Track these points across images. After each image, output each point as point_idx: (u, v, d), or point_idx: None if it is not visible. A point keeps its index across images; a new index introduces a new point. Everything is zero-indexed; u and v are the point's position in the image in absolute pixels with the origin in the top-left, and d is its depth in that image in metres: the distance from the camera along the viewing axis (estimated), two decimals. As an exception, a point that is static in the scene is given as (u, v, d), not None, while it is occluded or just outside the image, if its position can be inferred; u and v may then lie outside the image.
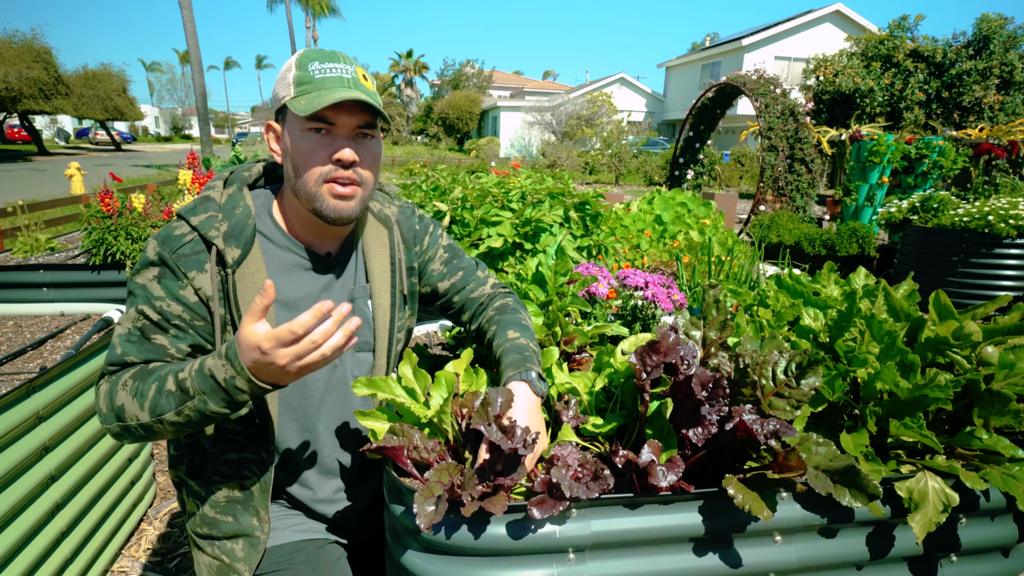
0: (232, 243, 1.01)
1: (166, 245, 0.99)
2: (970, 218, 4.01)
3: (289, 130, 1.02)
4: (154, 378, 0.93)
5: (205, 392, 0.88)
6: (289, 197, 1.09)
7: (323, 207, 1.02)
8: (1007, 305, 1.15)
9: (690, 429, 0.90)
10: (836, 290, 1.47)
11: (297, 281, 1.09)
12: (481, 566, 0.86)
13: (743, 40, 26.44)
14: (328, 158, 1.00)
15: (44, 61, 23.96)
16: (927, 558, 0.98)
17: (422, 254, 1.27)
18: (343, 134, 1.01)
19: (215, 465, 1.09)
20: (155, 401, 0.91)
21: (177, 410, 0.90)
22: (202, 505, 1.11)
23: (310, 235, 1.11)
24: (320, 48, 1.02)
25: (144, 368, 0.98)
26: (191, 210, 1.02)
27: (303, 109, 0.95)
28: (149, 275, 0.99)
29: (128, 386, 0.94)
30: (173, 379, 0.91)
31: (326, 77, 0.99)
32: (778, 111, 8.25)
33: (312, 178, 1.01)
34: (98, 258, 3.11)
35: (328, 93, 0.96)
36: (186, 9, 15.96)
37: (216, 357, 0.89)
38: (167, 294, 0.99)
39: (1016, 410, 0.92)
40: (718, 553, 0.90)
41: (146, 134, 61.96)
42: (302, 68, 0.99)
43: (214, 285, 1.00)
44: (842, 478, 0.84)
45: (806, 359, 0.95)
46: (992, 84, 14.37)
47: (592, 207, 3.24)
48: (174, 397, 0.90)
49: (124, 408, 0.93)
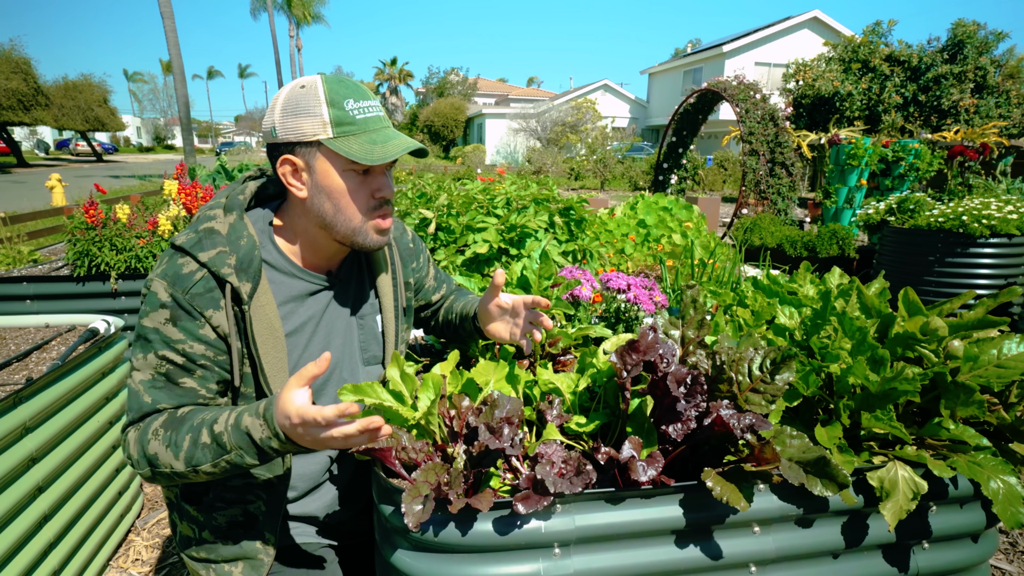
0: (243, 277, 0.99)
1: (177, 286, 0.96)
2: (945, 219, 4.11)
3: (324, 169, 1.00)
4: (187, 428, 0.93)
5: (242, 448, 0.90)
6: (304, 225, 1.08)
7: (367, 240, 1.06)
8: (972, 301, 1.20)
9: (669, 425, 0.93)
10: (812, 290, 1.52)
11: (302, 306, 1.10)
12: (469, 563, 0.88)
13: (724, 46, 26.79)
14: (371, 195, 1.04)
15: (23, 72, 23.69)
16: (900, 545, 1.02)
17: (418, 270, 1.34)
18: (380, 171, 1.04)
19: (218, 492, 1.08)
20: (190, 453, 0.91)
21: (214, 463, 0.91)
22: (200, 530, 1.09)
23: (317, 258, 1.12)
24: (340, 78, 1.01)
25: (173, 415, 0.96)
26: (197, 244, 0.98)
27: (363, 157, 0.96)
28: (161, 318, 0.96)
29: (160, 436, 0.93)
30: (208, 432, 0.91)
31: (367, 118, 1.00)
32: (758, 116, 8.38)
33: (359, 216, 1.03)
34: (82, 269, 3.09)
35: (381, 139, 0.99)
36: (168, 19, 15.87)
37: (253, 415, 0.89)
38: (187, 336, 0.96)
39: (980, 401, 0.96)
40: (699, 545, 0.93)
41: (128, 145, 61.29)
42: (338, 107, 0.98)
43: (230, 322, 0.98)
44: (814, 469, 0.87)
45: (780, 355, 0.99)
46: (967, 88, 14.68)
47: (576, 212, 3.28)
48: (210, 450, 0.91)
49: (157, 456, 0.93)
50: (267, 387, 1.02)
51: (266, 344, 1.01)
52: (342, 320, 1.16)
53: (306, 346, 1.09)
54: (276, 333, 1.03)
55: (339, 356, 1.15)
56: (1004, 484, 0.93)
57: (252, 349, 1.01)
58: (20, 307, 3.11)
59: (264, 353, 1.01)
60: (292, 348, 1.07)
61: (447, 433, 1.03)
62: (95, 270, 3.13)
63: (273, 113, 1.01)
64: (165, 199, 3.70)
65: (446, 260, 2.84)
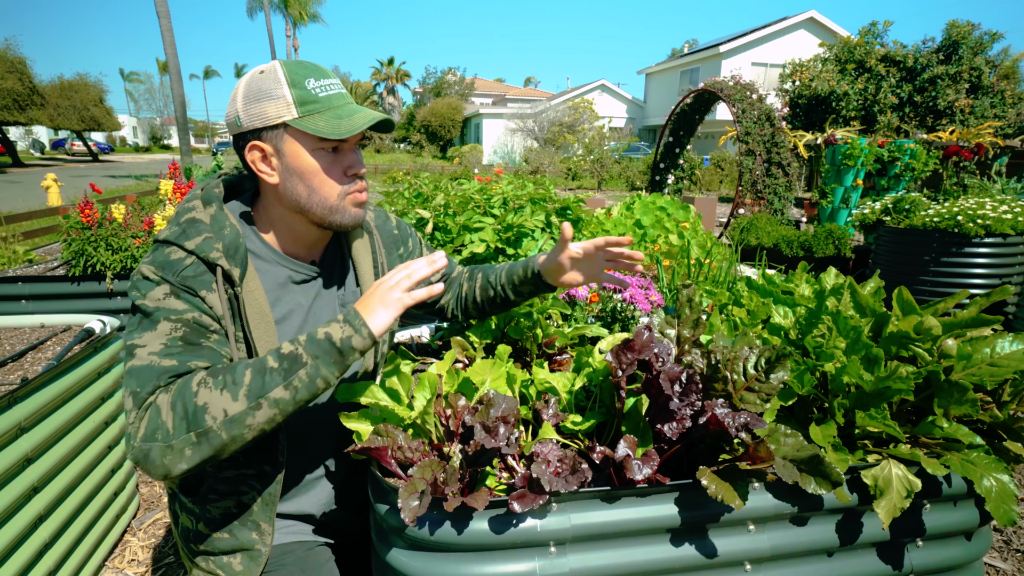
0: (232, 262, 0.98)
1: (166, 270, 0.94)
2: (940, 218, 4.12)
3: (293, 150, 1.00)
4: (243, 366, 0.88)
5: (319, 356, 0.89)
6: (275, 211, 1.08)
7: (345, 218, 1.06)
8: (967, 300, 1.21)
9: (664, 424, 0.93)
10: (808, 289, 1.52)
11: (289, 293, 1.11)
12: (465, 561, 0.88)
13: (721, 47, 26.85)
14: (343, 173, 1.03)
15: (18, 71, 23.62)
16: (894, 543, 1.02)
17: (408, 255, 1.32)
18: (351, 148, 1.04)
19: (211, 483, 1.08)
20: (255, 382, 0.86)
21: (286, 382, 0.87)
22: (196, 521, 1.09)
23: (297, 246, 1.12)
24: (299, 61, 1.02)
25: (215, 367, 0.91)
26: (182, 235, 0.97)
27: (330, 132, 0.96)
28: (160, 293, 0.93)
29: (209, 383, 0.87)
30: (275, 357, 0.88)
31: (330, 95, 1.00)
32: (755, 116, 8.40)
33: (334, 194, 1.03)
34: (78, 269, 3.09)
35: (346, 113, 0.99)
36: (164, 19, 15.81)
37: (328, 325, 0.92)
38: (191, 306, 0.94)
39: (973, 399, 0.96)
40: (694, 543, 0.94)
41: (124, 144, 61.12)
42: (299, 87, 0.97)
43: (224, 304, 0.97)
44: (807, 467, 0.88)
45: (774, 354, 0.99)
46: (962, 88, 14.74)
47: (573, 212, 3.29)
48: (279, 372, 0.87)
49: (207, 408, 0.84)
50: None
51: (259, 328, 1.01)
52: (329, 309, 1.16)
53: (296, 334, 1.08)
54: (267, 319, 1.03)
55: None
56: (997, 482, 0.94)
57: (247, 332, 1.00)
58: (15, 307, 3.10)
59: (257, 337, 1.01)
60: (282, 335, 1.07)
61: (443, 432, 1.03)
62: (91, 270, 3.12)
63: (235, 102, 1.00)
64: (161, 199, 3.70)
65: (443, 260, 2.84)
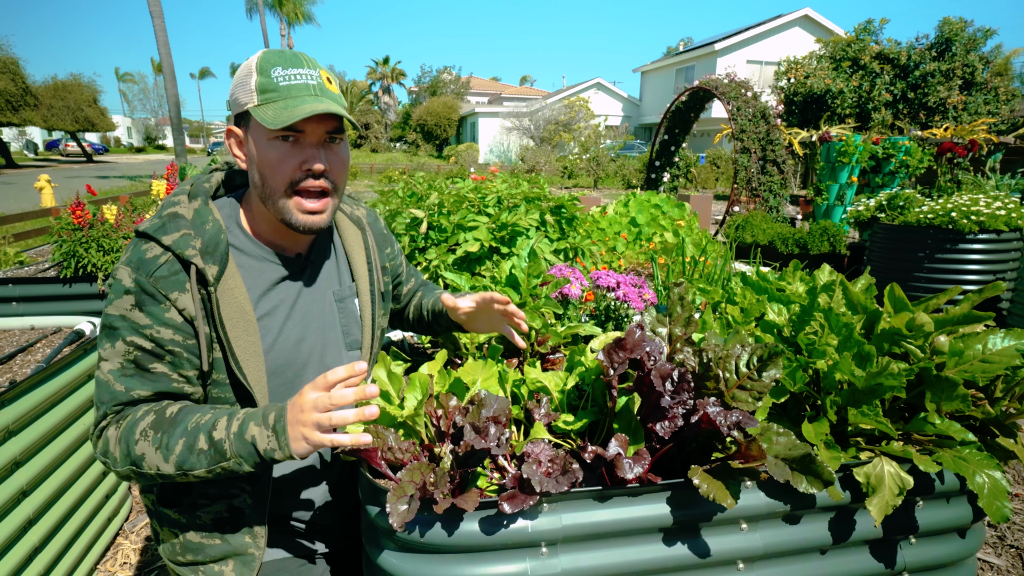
0: (209, 260, 0.97)
1: (141, 271, 0.94)
2: (934, 215, 4.13)
3: (254, 137, 0.99)
4: (180, 432, 0.91)
5: (243, 457, 0.89)
6: (256, 203, 1.07)
7: (292, 219, 1.02)
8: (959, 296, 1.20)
9: (656, 423, 0.92)
10: (801, 286, 1.52)
11: (273, 289, 1.09)
12: (456, 563, 0.87)
13: (716, 45, 26.89)
14: (298, 167, 0.99)
15: (11, 72, 23.51)
16: (887, 541, 1.02)
17: (393, 257, 1.34)
18: (312, 142, 0.99)
19: (201, 488, 1.05)
20: (183, 457, 0.90)
21: (209, 469, 0.90)
22: (183, 532, 1.06)
23: (281, 239, 1.10)
24: (281, 50, 1.01)
25: (162, 414, 0.94)
26: (160, 229, 0.97)
27: (271, 121, 0.94)
28: (126, 304, 0.94)
29: (150, 437, 0.92)
30: (206, 438, 0.90)
31: (291, 84, 0.97)
32: (750, 114, 8.40)
33: (281, 187, 0.99)
34: (69, 271, 3.07)
35: (296, 104, 0.95)
36: (158, 19, 15.74)
37: (260, 425, 0.90)
38: (154, 320, 0.94)
39: (965, 395, 0.96)
40: (687, 542, 0.93)
41: (118, 145, 60.80)
42: (264, 74, 0.97)
43: (196, 305, 0.96)
44: (799, 465, 0.87)
45: (767, 352, 0.98)
46: (955, 85, 14.77)
47: (568, 210, 3.28)
48: (206, 456, 0.90)
49: (144, 458, 0.91)
50: (239, 372, 1.00)
51: (236, 328, 1.00)
52: (319, 304, 1.15)
53: (280, 329, 1.07)
54: (247, 316, 1.01)
55: (319, 340, 1.14)
56: (989, 478, 0.93)
57: (220, 333, 0.99)
58: (6, 309, 3.08)
59: (234, 337, 0.99)
60: (265, 332, 1.05)
61: (434, 433, 1.02)
62: (82, 271, 3.10)
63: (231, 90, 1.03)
64: (153, 199, 3.68)
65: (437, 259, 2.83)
